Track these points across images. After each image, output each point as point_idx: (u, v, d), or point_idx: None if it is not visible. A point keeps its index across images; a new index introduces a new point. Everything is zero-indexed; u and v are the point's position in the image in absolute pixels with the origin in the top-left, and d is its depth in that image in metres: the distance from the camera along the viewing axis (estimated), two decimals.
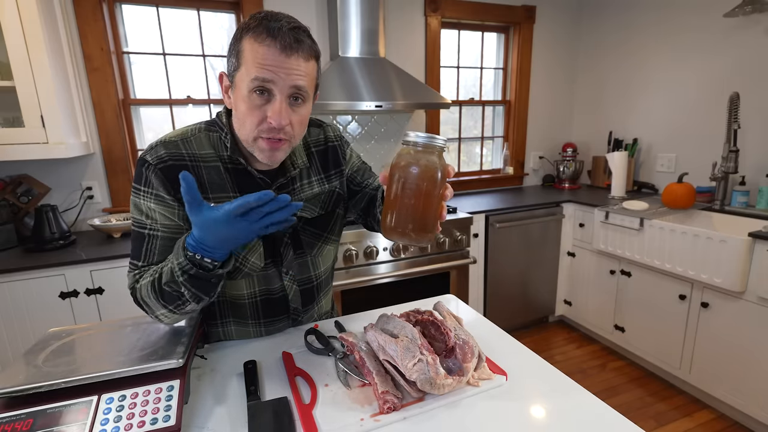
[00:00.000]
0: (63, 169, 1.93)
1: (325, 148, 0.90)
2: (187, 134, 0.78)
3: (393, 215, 0.63)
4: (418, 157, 0.61)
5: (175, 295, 0.67)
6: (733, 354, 1.72)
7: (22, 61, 1.54)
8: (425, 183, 0.61)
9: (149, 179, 0.73)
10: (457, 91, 2.79)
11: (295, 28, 0.68)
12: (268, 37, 0.66)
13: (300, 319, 0.95)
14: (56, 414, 0.57)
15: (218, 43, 2.19)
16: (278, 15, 0.69)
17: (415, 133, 0.61)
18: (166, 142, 0.75)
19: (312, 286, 0.93)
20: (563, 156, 2.88)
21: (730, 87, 2.11)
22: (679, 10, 2.33)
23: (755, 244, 1.61)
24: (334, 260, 1.00)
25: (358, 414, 0.64)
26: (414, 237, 0.63)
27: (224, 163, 0.78)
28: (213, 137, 0.78)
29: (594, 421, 0.63)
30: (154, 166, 0.73)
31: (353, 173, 0.94)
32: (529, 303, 2.53)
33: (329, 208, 0.90)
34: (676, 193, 2.10)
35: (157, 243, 0.74)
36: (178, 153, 0.75)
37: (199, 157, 0.76)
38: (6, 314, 1.49)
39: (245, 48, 0.68)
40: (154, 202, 0.73)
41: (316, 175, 0.88)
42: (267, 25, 0.66)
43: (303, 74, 0.69)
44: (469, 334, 0.74)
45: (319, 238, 0.90)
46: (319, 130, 0.91)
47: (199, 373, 0.77)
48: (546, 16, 2.83)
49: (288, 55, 0.67)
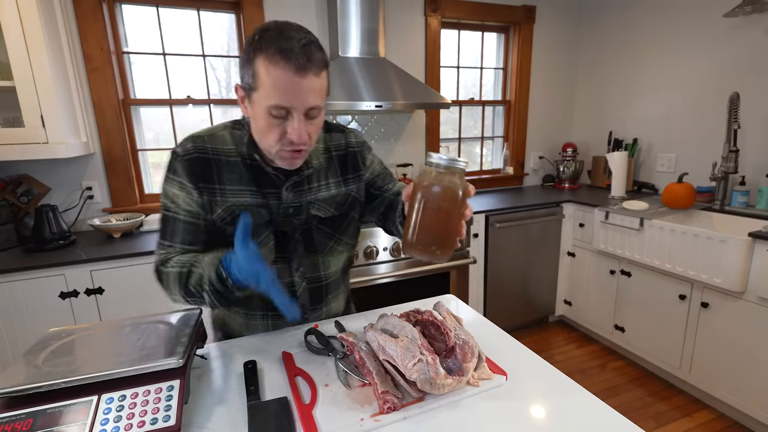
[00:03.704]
0: (63, 169, 1.93)
1: (345, 153, 0.94)
2: (215, 131, 0.86)
3: (414, 232, 0.66)
4: (440, 177, 0.64)
5: (197, 295, 0.76)
6: (733, 354, 1.72)
7: (22, 61, 1.54)
8: (446, 203, 0.64)
9: (176, 168, 0.82)
10: (457, 91, 2.79)
11: (306, 45, 0.70)
12: (282, 59, 0.69)
13: (307, 316, 0.96)
14: (56, 414, 0.57)
15: (218, 43, 2.19)
16: (289, 31, 0.71)
17: (438, 155, 0.65)
18: (194, 137, 0.84)
19: (321, 285, 0.95)
20: (563, 156, 2.88)
21: (730, 87, 2.11)
22: (679, 10, 2.33)
23: (755, 244, 1.61)
24: (347, 265, 1.03)
25: (358, 414, 0.64)
26: (433, 253, 0.67)
27: (243, 159, 0.84)
28: (236, 135, 0.86)
29: (594, 421, 0.63)
30: (182, 157, 0.81)
31: (374, 178, 0.98)
32: (529, 303, 2.53)
33: (344, 210, 0.94)
34: (676, 193, 2.10)
35: (179, 225, 0.83)
36: (203, 147, 0.83)
37: (221, 151, 0.84)
38: (6, 314, 1.49)
39: (260, 70, 0.71)
40: (178, 188, 0.82)
41: (333, 178, 0.92)
42: (279, 46, 0.69)
43: (317, 91, 0.73)
44: (469, 334, 0.74)
45: (331, 238, 0.93)
46: (341, 135, 0.95)
47: (199, 373, 0.77)
48: (546, 17, 2.83)
49: (302, 75, 0.70)
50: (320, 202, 0.90)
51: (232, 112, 2.28)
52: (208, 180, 0.82)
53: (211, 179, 0.82)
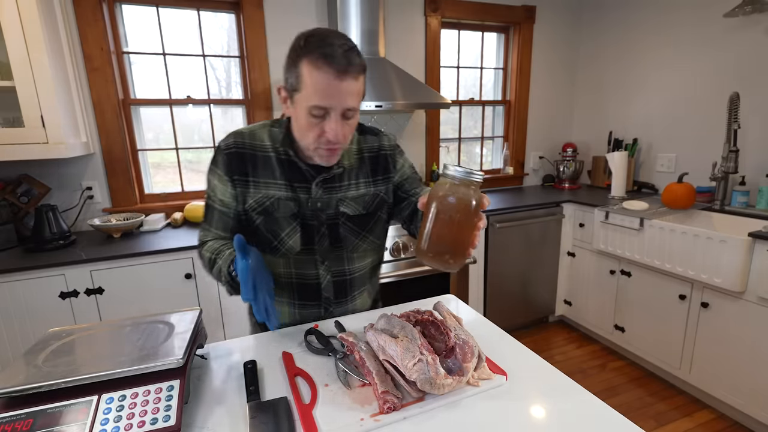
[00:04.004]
0: (63, 169, 1.93)
1: (377, 155, 0.99)
2: (254, 129, 0.93)
3: (427, 240, 0.68)
4: (455, 189, 0.66)
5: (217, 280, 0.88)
6: (733, 354, 1.72)
7: (22, 61, 1.54)
8: (459, 214, 0.65)
9: (218, 160, 0.90)
10: (457, 91, 2.79)
11: (347, 51, 0.76)
12: (324, 63, 0.75)
13: (331, 309, 1.00)
14: (56, 414, 0.57)
15: (218, 43, 2.19)
16: (331, 38, 0.77)
17: (454, 167, 0.66)
18: (236, 133, 0.91)
19: (345, 279, 0.99)
20: (563, 156, 2.88)
21: (730, 87, 2.11)
22: (679, 11, 2.33)
23: (755, 244, 1.61)
24: (376, 265, 1.07)
25: (358, 414, 0.64)
26: (446, 262, 0.68)
27: (278, 155, 0.91)
28: (273, 132, 0.93)
29: (594, 421, 0.63)
30: (223, 151, 0.90)
31: (402, 181, 1.01)
32: (529, 303, 2.53)
33: (371, 209, 0.98)
34: (676, 193, 2.10)
35: (215, 214, 0.93)
36: (243, 143, 0.90)
37: (257, 147, 0.91)
38: (6, 314, 1.49)
39: (304, 72, 0.77)
40: (217, 179, 0.91)
41: (363, 178, 0.97)
42: (323, 51, 0.75)
43: (354, 93, 0.79)
44: (469, 334, 0.74)
45: (357, 235, 0.97)
46: (375, 138, 1.00)
47: (199, 373, 0.77)
48: (546, 17, 2.83)
49: (342, 79, 0.76)
50: (349, 199, 0.95)
51: (232, 112, 2.28)
52: (243, 173, 0.90)
53: (246, 172, 0.90)
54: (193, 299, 1.73)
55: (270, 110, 2.23)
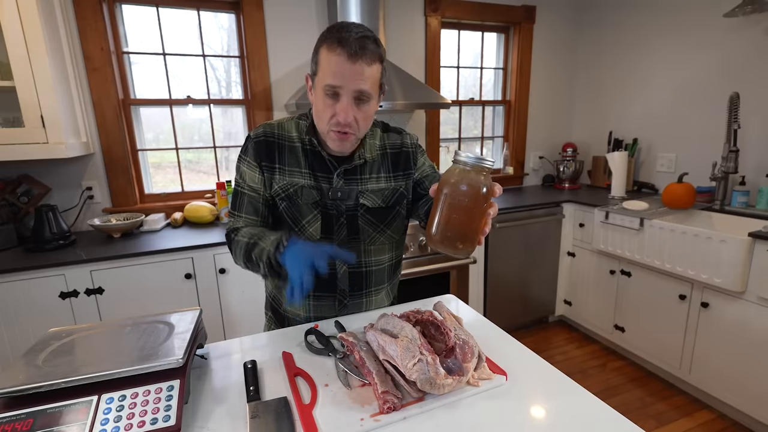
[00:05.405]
0: (63, 169, 1.93)
1: (399, 152, 1.02)
2: (283, 121, 0.98)
3: (438, 226, 0.68)
4: (466, 175, 0.66)
5: (255, 264, 0.87)
6: (733, 354, 1.72)
7: (22, 61, 1.54)
8: (469, 200, 0.66)
9: (247, 148, 0.95)
10: (457, 91, 2.79)
11: (362, 38, 0.81)
12: (338, 46, 0.80)
13: (346, 302, 1.00)
14: (56, 414, 0.57)
15: (218, 43, 2.19)
16: (349, 26, 0.82)
17: (466, 154, 0.66)
18: (266, 124, 0.96)
19: (362, 271, 1.00)
20: (563, 156, 2.88)
21: (730, 87, 2.11)
22: (679, 11, 2.33)
23: (755, 244, 1.61)
24: (395, 263, 1.07)
25: (358, 414, 0.64)
26: (456, 248, 0.68)
27: (303, 145, 0.95)
28: (300, 124, 0.97)
29: (594, 421, 0.63)
30: (253, 140, 0.94)
31: (422, 178, 1.04)
32: (529, 303, 2.53)
33: (390, 203, 1.00)
34: (676, 193, 2.10)
35: (244, 199, 0.95)
36: (272, 132, 0.95)
37: (285, 137, 0.96)
38: (6, 314, 1.49)
39: (321, 56, 0.83)
40: (246, 166, 0.95)
41: (385, 172, 1.00)
42: (338, 36, 0.80)
43: (366, 78, 0.82)
44: (469, 334, 0.74)
45: (375, 228, 0.99)
46: (398, 136, 1.04)
47: (199, 373, 0.77)
48: (546, 17, 2.83)
49: (354, 61, 0.80)
50: (369, 192, 0.97)
51: (233, 112, 2.28)
52: (271, 160, 0.94)
53: (273, 160, 0.94)
54: (193, 299, 1.73)
55: (270, 110, 2.23)
